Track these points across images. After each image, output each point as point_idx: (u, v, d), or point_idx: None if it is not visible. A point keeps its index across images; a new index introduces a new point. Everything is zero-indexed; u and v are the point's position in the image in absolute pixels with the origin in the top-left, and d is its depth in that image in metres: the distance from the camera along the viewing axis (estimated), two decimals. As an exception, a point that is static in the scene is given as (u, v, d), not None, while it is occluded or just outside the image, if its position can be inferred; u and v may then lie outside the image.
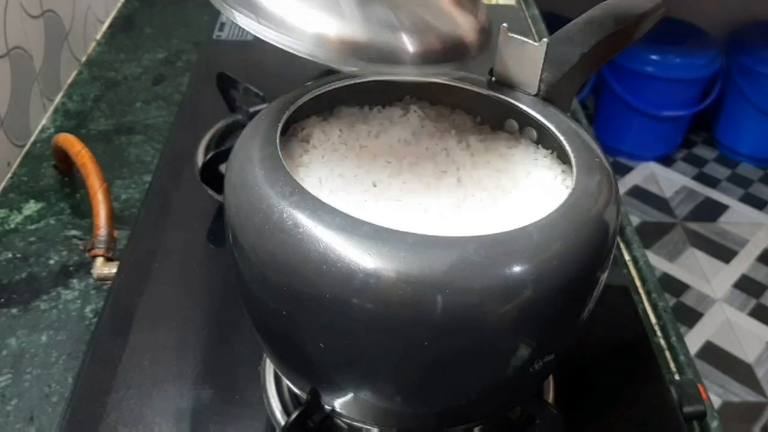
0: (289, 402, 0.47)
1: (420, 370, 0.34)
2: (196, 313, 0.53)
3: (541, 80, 0.41)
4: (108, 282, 0.56)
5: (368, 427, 0.43)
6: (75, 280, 0.59)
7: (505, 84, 0.43)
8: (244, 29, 0.36)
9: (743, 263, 1.85)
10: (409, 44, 0.36)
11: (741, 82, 2.06)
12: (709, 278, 1.80)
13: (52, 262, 0.61)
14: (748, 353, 1.61)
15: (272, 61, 0.84)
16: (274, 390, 0.47)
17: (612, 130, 2.17)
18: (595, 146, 0.39)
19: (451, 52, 0.38)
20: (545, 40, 0.40)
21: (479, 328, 0.32)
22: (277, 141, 0.36)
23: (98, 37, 0.94)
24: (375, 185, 0.38)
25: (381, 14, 0.36)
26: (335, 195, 0.37)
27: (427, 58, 0.37)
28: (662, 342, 0.58)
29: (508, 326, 0.32)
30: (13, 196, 0.67)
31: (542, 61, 0.40)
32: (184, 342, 0.51)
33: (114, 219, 0.60)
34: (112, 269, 0.56)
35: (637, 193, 2.07)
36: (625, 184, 2.10)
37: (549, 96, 0.41)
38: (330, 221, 0.31)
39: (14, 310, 0.56)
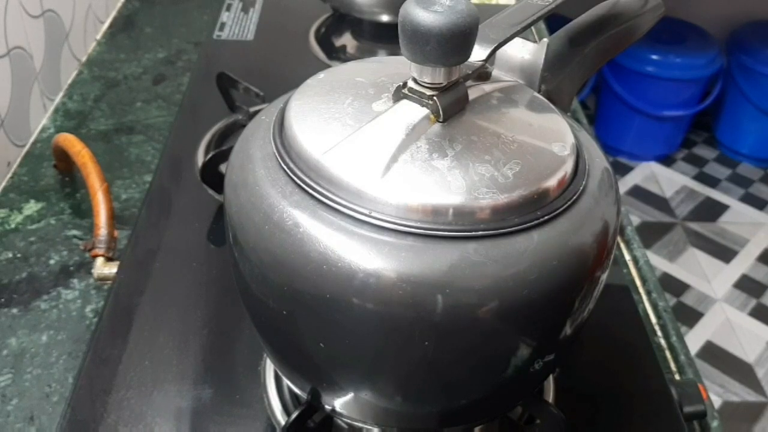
0: (289, 402, 0.47)
1: (420, 370, 0.34)
2: (196, 313, 0.53)
3: (541, 80, 0.41)
4: (108, 282, 0.56)
5: (368, 427, 0.43)
6: (75, 280, 0.59)
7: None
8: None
9: (743, 263, 1.85)
10: None
11: (741, 82, 2.06)
12: (709, 278, 1.80)
13: (52, 262, 0.61)
14: (748, 353, 1.61)
15: (272, 61, 0.84)
16: (274, 390, 0.47)
17: (612, 130, 2.17)
18: (595, 146, 0.39)
19: None
20: (545, 40, 0.40)
21: (479, 328, 0.32)
22: (278, 140, 0.36)
23: (98, 36, 0.94)
24: None
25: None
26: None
27: None
28: (662, 342, 0.58)
29: (508, 326, 0.32)
30: (13, 196, 0.67)
31: (542, 61, 0.40)
32: (184, 342, 0.51)
33: (114, 219, 0.60)
34: (112, 269, 0.56)
35: (637, 193, 2.07)
36: (625, 184, 2.10)
37: (549, 96, 0.41)
38: (330, 221, 0.31)
39: (14, 310, 0.56)
